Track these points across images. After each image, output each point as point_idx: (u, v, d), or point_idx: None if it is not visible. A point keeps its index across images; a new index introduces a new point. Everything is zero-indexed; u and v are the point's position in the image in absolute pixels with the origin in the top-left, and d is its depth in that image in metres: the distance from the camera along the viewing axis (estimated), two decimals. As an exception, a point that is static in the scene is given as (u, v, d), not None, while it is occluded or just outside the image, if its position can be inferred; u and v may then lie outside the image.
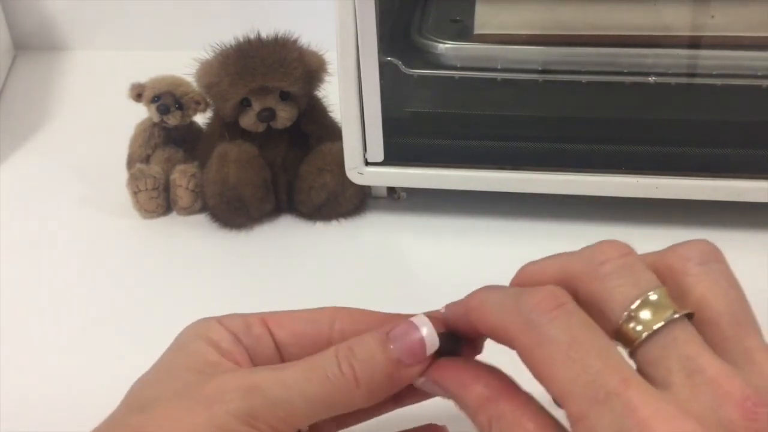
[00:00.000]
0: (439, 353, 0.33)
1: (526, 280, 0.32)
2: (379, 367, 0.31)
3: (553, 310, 0.28)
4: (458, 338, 0.33)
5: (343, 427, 0.38)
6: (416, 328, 0.32)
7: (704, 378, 0.26)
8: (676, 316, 0.28)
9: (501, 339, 0.30)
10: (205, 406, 0.30)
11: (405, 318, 0.34)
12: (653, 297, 0.28)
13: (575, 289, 0.29)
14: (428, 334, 0.32)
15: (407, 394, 0.37)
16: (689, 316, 0.28)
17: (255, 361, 0.34)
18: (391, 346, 0.32)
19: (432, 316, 0.33)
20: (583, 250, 0.30)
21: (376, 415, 0.38)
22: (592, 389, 0.26)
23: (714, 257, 0.30)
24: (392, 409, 0.38)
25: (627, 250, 0.30)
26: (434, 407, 0.39)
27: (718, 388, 0.26)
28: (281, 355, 0.35)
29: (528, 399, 0.30)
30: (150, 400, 0.32)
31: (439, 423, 0.39)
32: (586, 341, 0.27)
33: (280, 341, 0.34)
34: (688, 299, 0.29)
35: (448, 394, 0.32)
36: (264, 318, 0.35)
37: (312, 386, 0.31)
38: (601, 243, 0.30)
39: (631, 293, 0.28)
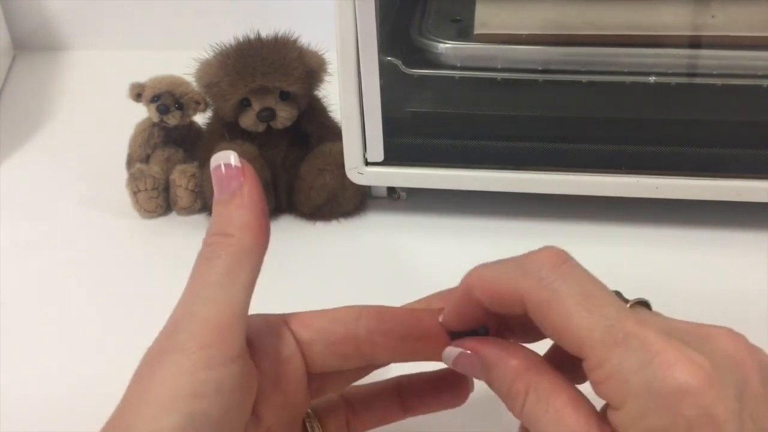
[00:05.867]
0: None
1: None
2: (222, 212, 0.33)
3: (561, 266, 0.30)
4: (486, 329, 0.34)
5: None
6: (212, 168, 0.34)
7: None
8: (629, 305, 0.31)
9: (509, 303, 0.31)
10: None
11: (431, 312, 0.34)
12: None
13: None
14: (216, 159, 0.33)
15: (416, 403, 0.37)
16: (645, 304, 0.31)
17: (276, 358, 0.33)
18: (216, 197, 0.33)
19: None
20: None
21: (385, 423, 0.38)
22: (611, 333, 0.28)
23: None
24: (401, 418, 0.38)
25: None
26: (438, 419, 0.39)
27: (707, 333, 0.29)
28: (303, 354, 0.34)
29: (559, 374, 0.31)
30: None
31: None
32: (597, 292, 0.29)
33: (304, 340, 0.34)
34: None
35: (483, 366, 0.32)
36: (285, 318, 0.35)
37: (209, 272, 0.32)
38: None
39: None
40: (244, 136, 0.58)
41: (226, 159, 0.33)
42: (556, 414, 0.29)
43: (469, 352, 0.33)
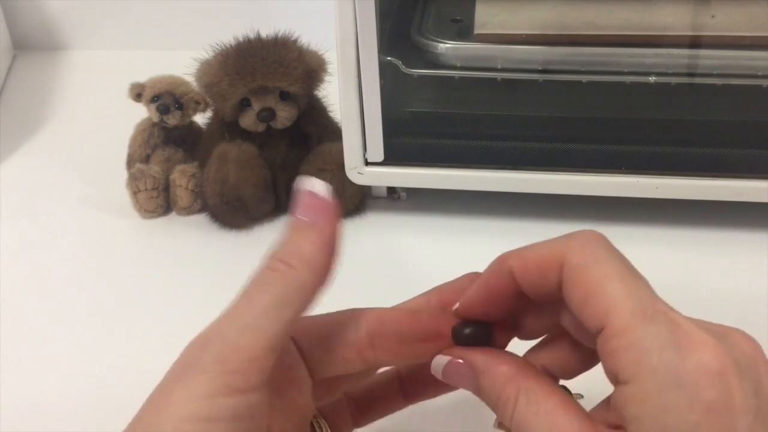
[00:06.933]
0: (474, 343, 0.33)
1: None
2: (294, 239, 0.32)
3: (605, 242, 0.30)
4: (488, 325, 0.34)
5: (358, 425, 0.38)
6: (301, 190, 0.32)
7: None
8: None
9: (546, 273, 0.30)
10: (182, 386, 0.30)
11: (431, 314, 0.34)
12: None
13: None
14: (311, 185, 0.33)
15: (417, 390, 0.37)
16: None
17: (280, 367, 0.33)
18: (295, 219, 0.32)
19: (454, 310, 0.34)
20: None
21: (388, 413, 0.38)
22: (642, 306, 0.28)
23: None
24: (403, 406, 0.38)
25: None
26: (443, 405, 0.39)
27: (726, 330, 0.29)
28: (306, 361, 0.34)
29: (549, 378, 0.31)
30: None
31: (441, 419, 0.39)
32: (635, 272, 0.30)
33: (306, 348, 0.34)
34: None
35: (472, 374, 0.32)
36: None
37: (258, 297, 0.31)
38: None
39: None
40: (244, 136, 0.58)
41: (317, 187, 0.32)
42: (547, 417, 0.29)
43: (459, 360, 0.33)
